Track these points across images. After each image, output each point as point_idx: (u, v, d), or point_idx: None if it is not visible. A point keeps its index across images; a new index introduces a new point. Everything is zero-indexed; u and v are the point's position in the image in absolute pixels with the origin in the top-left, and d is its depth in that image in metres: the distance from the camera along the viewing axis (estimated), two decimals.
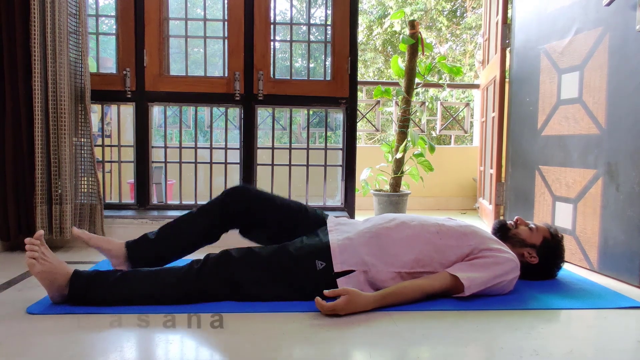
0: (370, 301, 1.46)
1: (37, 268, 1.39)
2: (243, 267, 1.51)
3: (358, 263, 1.55)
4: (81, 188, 2.26)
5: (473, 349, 1.27)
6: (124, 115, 2.66)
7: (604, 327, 1.44)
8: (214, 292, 1.49)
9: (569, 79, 2.20)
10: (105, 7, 3.90)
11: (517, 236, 1.78)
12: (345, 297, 1.42)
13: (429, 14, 10.22)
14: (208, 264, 1.49)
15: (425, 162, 3.32)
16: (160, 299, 1.45)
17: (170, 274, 1.49)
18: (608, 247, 1.97)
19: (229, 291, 1.49)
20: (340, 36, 2.55)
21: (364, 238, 1.61)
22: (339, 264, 1.53)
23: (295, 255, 1.54)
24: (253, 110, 2.54)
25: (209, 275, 1.48)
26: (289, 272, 1.53)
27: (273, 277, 1.52)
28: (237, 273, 1.50)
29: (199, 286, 1.47)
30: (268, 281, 1.52)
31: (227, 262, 1.50)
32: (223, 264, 1.50)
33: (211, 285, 1.48)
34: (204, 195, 2.63)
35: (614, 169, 1.95)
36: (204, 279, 1.47)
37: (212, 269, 1.48)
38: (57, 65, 2.10)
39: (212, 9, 4.24)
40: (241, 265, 1.51)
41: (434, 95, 8.66)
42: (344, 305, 1.41)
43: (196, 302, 1.46)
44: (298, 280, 1.53)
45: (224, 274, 1.49)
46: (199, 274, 1.47)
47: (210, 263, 1.49)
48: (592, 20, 2.07)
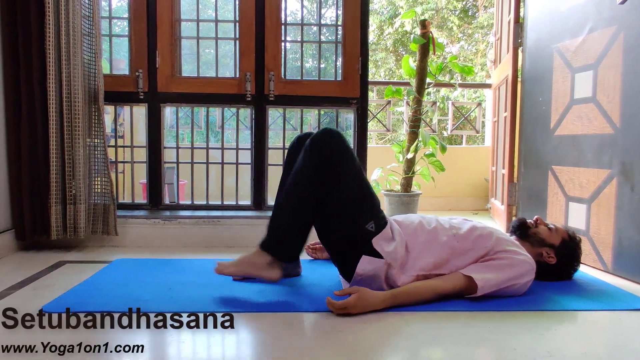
0: (381, 299, 1.46)
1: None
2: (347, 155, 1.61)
3: (389, 253, 1.56)
4: (95, 188, 2.28)
5: (485, 350, 1.26)
6: (136, 116, 2.68)
7: (618, 328, 1.42)
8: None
9: (582, 78, 2.18)
10: (118, 9, 3.94)
11: (536, 235, 1.78)
12: (355, 295, 1.42)
13: (440, 14, 10.17)
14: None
15: (436, 162, 3.30)
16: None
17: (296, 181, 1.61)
18: (623, 248, 1.95)
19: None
20: (351, 36, 2.54)
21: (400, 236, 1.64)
22: (381, 241, 1.56)
23: (371, 198, 1.62)
24: (264, 110, 2.55)
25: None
26: (362, 200, 1.60)
27: (360, 189, 1.61)
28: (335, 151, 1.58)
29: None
30: (354, 186, 1.60)
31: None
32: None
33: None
34: (215, 195, 2.64)
35: (628, 168, 1.92)
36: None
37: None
38: (72, 67, 2.12)
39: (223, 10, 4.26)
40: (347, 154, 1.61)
41: (445, 95, 8.61)
42: (354, 302, 1.41)
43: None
44: (354, 216, 1.58)
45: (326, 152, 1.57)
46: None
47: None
48: (606, 18, 2.04)
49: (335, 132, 1.60)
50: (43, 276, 1.81)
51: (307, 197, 1.59)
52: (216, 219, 2.42)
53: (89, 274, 1.82)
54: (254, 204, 2.58)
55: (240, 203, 2.60)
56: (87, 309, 1.41)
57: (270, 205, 2.58)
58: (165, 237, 2.38)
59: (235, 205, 2.60)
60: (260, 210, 2.57)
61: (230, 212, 2.51)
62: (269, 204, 2.59)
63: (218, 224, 2.42)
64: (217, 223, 2.42)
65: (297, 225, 1.62)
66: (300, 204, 1.60)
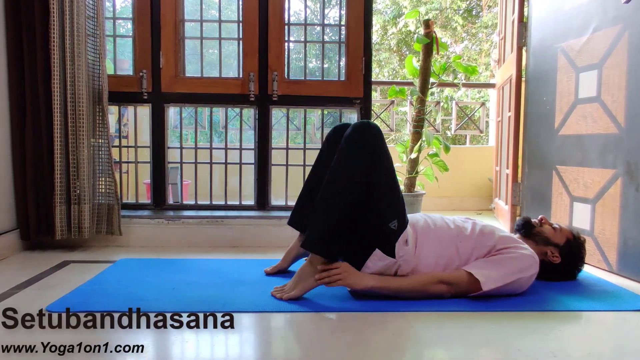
0: (375, 277, 1.54)
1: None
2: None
3: (402, 257, 1.56)
4: (99, 188, 2.29)
5: (489, 351, 1.26)
6: (140, 116, 2.69)
7: (623, 329, 1.41)
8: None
9: (587, 78, 2.17)
10: (122, 9, 3.96)
11: (541, 234, 1.77)
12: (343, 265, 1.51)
13: (444, 13, 10.15)
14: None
15: (440, 162, 3.29)
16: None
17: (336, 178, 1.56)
18: (628, 248, 1.94)
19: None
20: (354, 36, 2.54)
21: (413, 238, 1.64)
22: (401, 243, 1.56)
23: (398, 197, 1.60)
24: (267, 110, 2.55)
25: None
26: (391, 197, 1.58)
27: (391, 187, 1.59)
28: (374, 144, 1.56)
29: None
30: (385, 180, 1.57)
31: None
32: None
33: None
34: (219, 195, 2.65)
35: (633, 168, 1.91)
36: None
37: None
38: (76, 67, 2.13)
39: (227, 10, 4.27)
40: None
41: (449, 95, 8.59)
42: (346, 267, 1.51)
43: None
44: (380, 211, 1.56)
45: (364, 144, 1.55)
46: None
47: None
48: (611, 17, 2.03)
49: (373, 124, 1.58)
50: (47, 276, 1.82)
51: (354, 190, 1.54)
52: (220, 219, 2.42)
53: (93, 274, 1.83)
54: (258, 204, 2.58)
55: (243, 203, 2.60)
56: (91, 308, 1.41)
57: (274, 205, 2.58)
58: (169, 237, 2.39)
59: (238, 205, 2.60)
60: (263, 210, 2.57)
61: (233, 212, 2.51)
62: (272, 204, 2.59)
63: (221, 223, 2.42)
64: (221, 223, 2.42)
65: (344, 221, 1.55)
66: (348, 199, 1.54)
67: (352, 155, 1.54)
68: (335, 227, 1.53)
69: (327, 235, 1.53)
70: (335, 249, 1.55)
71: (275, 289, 1.59)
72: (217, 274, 1.86)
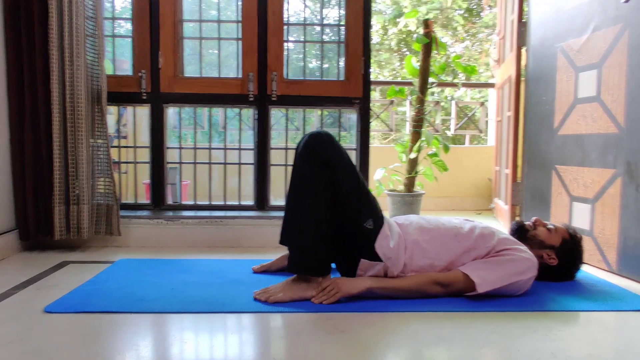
0: (369, 279, 1.53)
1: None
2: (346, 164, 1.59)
3: (389, 258, 1.56)
4: (98, 188, 2.29)
5: (489, 351, 1.25)
6: (139, 116, 2.69)
7: (623, 329, 1.41)
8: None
9: (586, 77, 2.17)
10: (121, 10, 3.96)
11: (535, 237, 1.76)
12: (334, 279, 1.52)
13: (444, 13, 10.14)
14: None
15: (439, 162, 3.29)
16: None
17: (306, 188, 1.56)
18: (628, 248, 1.93)
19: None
20: (353, 36, 2.54)
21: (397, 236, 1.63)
22: (382, 242, 1.56)
23: (367, 196, 1.60)
24: (267, 110, 2.55)
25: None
26: (356, 198, 1.58)
27: (356, 190, 1.58)
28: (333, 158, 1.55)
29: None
30: (348, 185, 1.56)
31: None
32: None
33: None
34: (218, 195, 2.65)
35: (633, 168, 1.91)
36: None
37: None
38: (75, 67, 2.13)
39: (226, 10, 4.26)
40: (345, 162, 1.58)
41: (448, 94, 8.59)
42: (340, 280, 1.51)
43: None
44: (354, 217, 1.56)
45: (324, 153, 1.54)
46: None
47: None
48: (611, 17, 2.03)
49: (322, 133, 1.57)
50: (47, 276, 1.81)
51: (320, 205, 1.53)
52: (219, 219, 2.42)
53: (92, 274, 1.82)
54: (257, 204, 2.58)
55: (243, 203, 2.60)
56: (90, 309, 1.42)
57: (273, 205, 2.58)
58: (168, 237, 2.38)
59: (238, 205, 2.60)
60: (263, 210, 2.57)
61: (233, 212, 2.51)
62: (271, 204, 2.59)
63: (221, 224, 2.42)
64: (220, 223, 2.42)
65: (321, 237, 1.55)
66: (318, 215, 1.54)
67: (308, 172, 1.53)
68: (311, 246, 1.54)
69: (307, 256, 1.55)
70: (321, 264, 1.56)
71: (259, 291, 1.56)
72: (217, 274, 1.86)
